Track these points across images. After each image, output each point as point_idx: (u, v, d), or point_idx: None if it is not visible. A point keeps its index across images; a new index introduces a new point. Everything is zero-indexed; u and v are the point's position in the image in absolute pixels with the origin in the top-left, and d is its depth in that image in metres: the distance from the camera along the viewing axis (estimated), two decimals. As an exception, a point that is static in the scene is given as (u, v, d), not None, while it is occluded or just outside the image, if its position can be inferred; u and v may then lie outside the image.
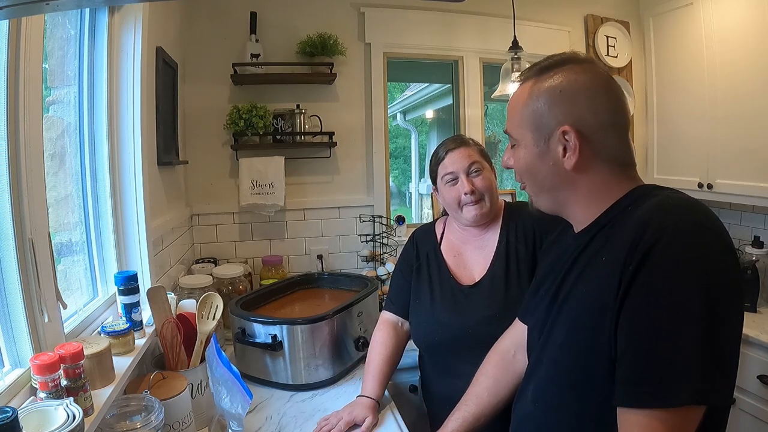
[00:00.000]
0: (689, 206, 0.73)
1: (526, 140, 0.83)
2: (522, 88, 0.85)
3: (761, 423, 1.74)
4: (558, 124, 0.79)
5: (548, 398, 0.85)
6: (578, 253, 0.82)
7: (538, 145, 0.82)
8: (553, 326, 0.84)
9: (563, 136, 0.78)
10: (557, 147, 0.80)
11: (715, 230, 0.70)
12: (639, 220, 0.72)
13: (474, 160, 1.32)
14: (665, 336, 0.66)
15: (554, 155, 0.80)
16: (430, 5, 2.39)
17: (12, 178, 0.91)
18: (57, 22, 1.23)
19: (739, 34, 2.06)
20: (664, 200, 0.74)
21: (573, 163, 0.79)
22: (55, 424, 0.80)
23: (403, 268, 1.46)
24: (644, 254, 0.68)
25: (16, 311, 0.95)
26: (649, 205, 0.74)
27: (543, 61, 0.84)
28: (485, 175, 1.32)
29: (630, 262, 0.69)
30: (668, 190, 0.78)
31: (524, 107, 0.83)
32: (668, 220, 0.69)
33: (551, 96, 0.80)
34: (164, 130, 1.78)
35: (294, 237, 2.39)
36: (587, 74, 0.80)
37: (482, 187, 1.31)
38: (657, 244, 0.67)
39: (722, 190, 2.16)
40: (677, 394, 0.64)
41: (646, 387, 0.66)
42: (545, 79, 0.81)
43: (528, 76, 0.84)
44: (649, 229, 0.69)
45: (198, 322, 1.38)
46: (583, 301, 0.78)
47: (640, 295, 0.68)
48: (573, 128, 0.78)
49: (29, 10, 0.72)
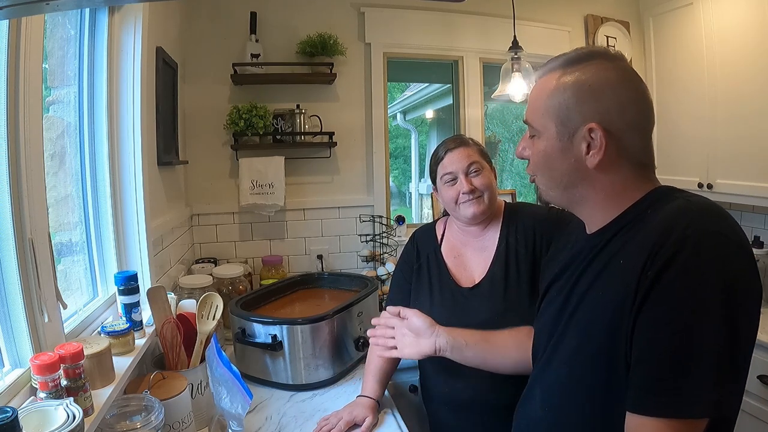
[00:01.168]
0: (711, 212, 0.71)
1: (549, 133, 0.80)
2: (548, 78, 0.81)
3: (761, 423, 1.74)
4: (584, 121, 0.76)
5: (558, 402, 0.84)
6: (594, 255, 0.80)
7: (561, 140, 0.79)
8: (566, 329, 0.82)
9: (589, 133, 0.76)
10: (581, 144, 0.77)
11: (737, 239, 0.68)
12: (660, 225, 0.70)
13: (473, 160, 1.32)
14: (685, 346, 0.64)
15: (577, 152, 0.77)
16: (430, 5, 2.39)
17: (12, 178, 0.91)
18: (57, 22, 1.23)
19: (739, 34, 2.06)
20: (685, 204, 0.72)
21: (596, 162, 0.76)
22: (55, 424, 0.80)
23: (404, 269, 1.46)
24: (666, 261, 0.66)
25: (16, 311, 0.95)
26: (670, 209, 0.72)
27: (571, 52, 0.81)
28: (485, 174, 1.32)
29: (650, 268, 0.67)
30: (687, 193, 0.77)
31: (549, 98, 0.79)
32: (691, 227, 0.67)
33: (579, 90, 0.77)
34: (164, 130, 1.78)
35: (294, 237, 2.39)
36: (617, 72, 0.77)
37: (481, 185, 1.31)
38: (679, 252, 0.66)
39: (722, 190, 2.16)
40: (693, 406, 0.64)
41: (662, 396, 0.65)
42: (572, 72, 0.78)
43: (554, 67, 0.81)
44: (671, 236, 0.67)
45: (198, 322, 1.38)
46: (599, 305, 0.76)
47: (660, 302, 0.67)
48: (600, 126, 0.75)
49: (29, 10, 0.72)
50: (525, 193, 2.84)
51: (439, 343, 1.13)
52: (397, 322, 1.19)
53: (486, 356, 1.12)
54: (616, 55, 0.81)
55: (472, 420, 1.30)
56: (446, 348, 1.12)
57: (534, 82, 0.86)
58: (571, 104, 0.77)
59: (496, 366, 1.13)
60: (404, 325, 1.18)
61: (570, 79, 0.78)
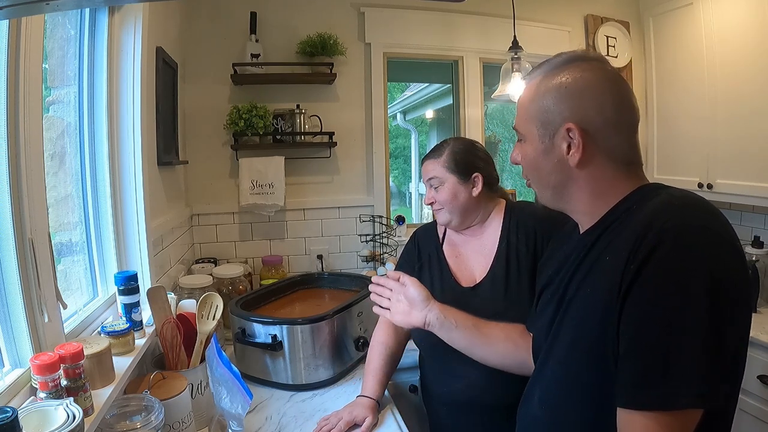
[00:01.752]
0: (693, 206, 0.72)
1: (532, 136, 0.84)
2: (530, 84, 0.85)
3: (761, 423, 1.74)
4: (563, 121, 0.79)
5: (555, 400, 0.84)
6: (584, 254, 0.82)
7: (543, 142, 0.82)
8: (560, 328, 0.84)
9: (567, 133, 0.79)
10: (562, 144, 0.80)
11: (719, 230, 0.69)
12: (642, 220, 0.71)
13: (432, 176, 1.34)
14: (667, 338, 0.65)
15: (559, 152, 0.80)
16: (430, 5, 2.39)
17: (12, 178, 0.91)
18: (57, 22, 1.23)
19: (739, 34, 2.06)
20: (668, 199, 0.74)
21: (577, 160, 0.79)
22: (55, 424, 0.80)
23: (405, 268, 1.46)
24: (646, 255, 0.67)
25: (16, 311, 0.95)
26: (653, 205, 0.74)
27: (552, 58, 0.84)
28: (443, 190, 1.33)
29: (632, 263, 0.69)
30: (672, 189, 0.78)
31: (531, 103, 0.83)
32: (671, 220, 0.68)
33: (557, 93, 0.80)
34: (164, 130, 1.78)
35: (294, 237, 2.39)
36: (594, 72, 0.80)
37: (440, 200, 1.34)
38: (659, 246, 0.67)
39: (722, 190, 2.16)
40: (678, 397, 0.64)
41: (647, 389, 0.66)
42: (553, 76, 0.81)
43: (537, 73, 0.85)
44: (651, 230, 0.68)
45: (198, 322, 1.38)
46: (588, 302, 0.78)
47: (642, 296, 0.68)
48: (577, 125, 0.78)
49: (29, 10, 0.72)
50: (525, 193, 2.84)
51: (430, 317, 1.13)
52: (396, 286, 1.19)
53: (474, 342, 1.12)
54: (595, 57, 0.84)
55: (471, 420, 1.30)
56: (435, 324, 1.13)
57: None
58: (550, 106, 0.81)
59: (482, 355, 1.13)
60: (401, 291, 1.18)
61: (550, 83, 0.81)
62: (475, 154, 1.36)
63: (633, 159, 0.82)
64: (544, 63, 0.85)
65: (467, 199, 1.32)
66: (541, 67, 0.84)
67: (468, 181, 1.32)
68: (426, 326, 1.13)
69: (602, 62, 0.83)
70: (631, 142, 0.81)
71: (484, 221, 1.37)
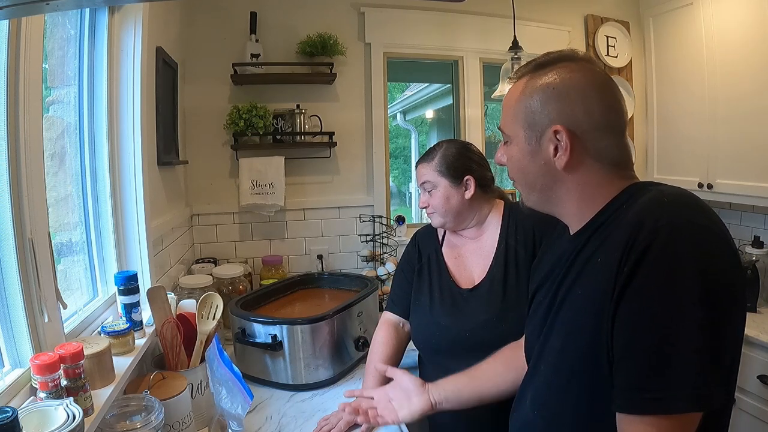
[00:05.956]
0: (684, 203, 0.71)
1: (518, 138, 0.82)
2: (517, 84, 0.83)
3: (761, 423, 1.74)
4: (550, 123, 0.77)
5: (547, 404, 0.83)
6: (575, 256, 0.80)
7: (529, 143, 0.80)
8: (551, 331, 0.82)
9: (555, 135, 0.77)
10: (548, 146, 0.78)
11: (712, 227, 0.68)
12: (633, 220, 0.70)
13: (424, 180, 1.35)
14: (663, 340, 0.64)
15: (545, 154, 0.79)
16: (430, 5, 2.39)
17: (12, 178, 0.91)
18: (57, 22, 1.23)
19: (739, 34, 2.06)
20: (658, 196, 0.72)
21: (564, 163, 0.77)
22: (55, 424, 0.80)
23: (405, 269, 1.46)
24: (639, 256, 0.66)
25: (16, 311, 0.95)
26: (643, 202, 0.72)
27: (539, 57, 0.82)
28: (435, 194, 1.33)
29: (625, 264, 0.67)
30: (663, 186, 0.76)
31: (517, 104, 0.81)
32: (662, 219, 0.67)
33: (544, 94, 0.78)
34: (164, 130, 1.78)
35: (294, 237, 2.39)
36: (582, 73, 0.78)
37: (433, 204, 1.34)
38: (652, 245, 0.65)
39: (722, 190, 2.16)
40: (677, 400, 0.63)
41: (646, 393, 0.65)
42: (540, 77, 0.79)
43: (523, 72, 0.82)
44: (643, 230, 0.67)
45: (198, 322, 1.38)
46: (580, 304, 0.76)
47: (636, 298, 0.66)
48: (564, 128, 0.76)
49: (29, 10, 0.72)
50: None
51: (434, 398, 1.11)
52: (376, 393, 1.17)
53: (481, 391, 1.10)
54: (583, 57, 0.81)
55: (471, 421, 1.30)
56: (442, 400, 1.11)
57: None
58: (537, 108, 0.79)
59: (496, 395, 1.10)
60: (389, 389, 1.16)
61: (536, 84, 0.79)
62: (468, 157, 1.35)
63: (622, 160, 0.80)
64: (531, 62, 0.83)
65: (460, 203, 1.32)
66: (527, 67, 0.82)
67: (460, 184, 1.32)
68: (435, 407, 1.11)
69: (591, 62, 0.81)
70: (620, 144, 0.79)
71: (481, 223, 1.37)
